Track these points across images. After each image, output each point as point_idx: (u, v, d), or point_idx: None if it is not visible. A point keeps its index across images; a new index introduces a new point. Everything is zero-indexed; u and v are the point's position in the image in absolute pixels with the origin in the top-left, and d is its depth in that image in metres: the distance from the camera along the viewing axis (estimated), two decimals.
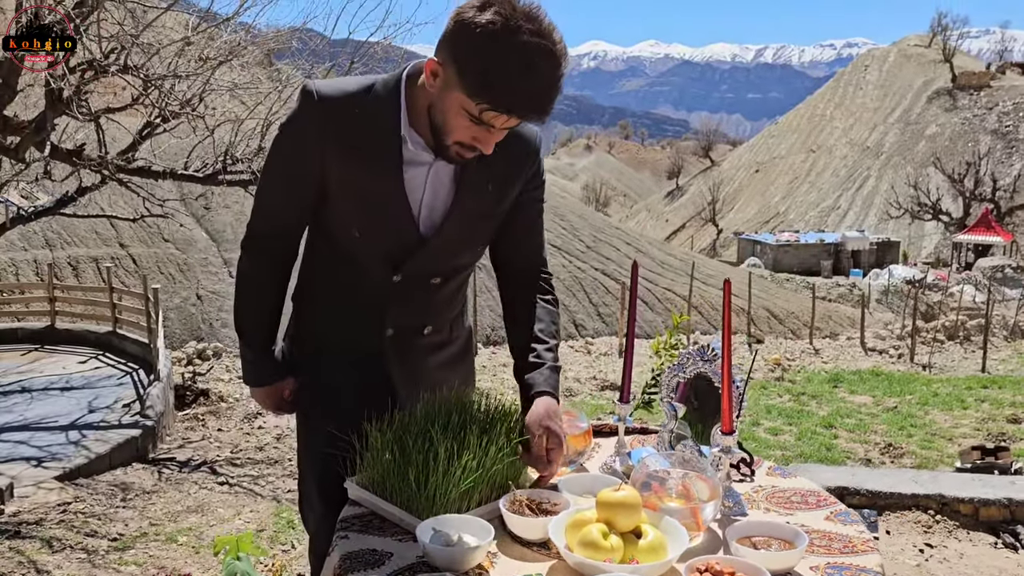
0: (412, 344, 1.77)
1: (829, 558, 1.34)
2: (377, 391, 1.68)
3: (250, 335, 1.80)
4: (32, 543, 5.05)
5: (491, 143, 1.53)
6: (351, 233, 1.66)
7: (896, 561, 3.39)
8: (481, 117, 1.47)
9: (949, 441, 7.41)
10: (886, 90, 65.07)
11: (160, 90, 7.40)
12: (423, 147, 1.61)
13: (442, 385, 1.71)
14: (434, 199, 1.66)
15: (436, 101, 1.52)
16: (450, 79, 1.47)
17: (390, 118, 1.59)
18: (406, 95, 1.60)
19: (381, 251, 1.67)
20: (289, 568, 4.49)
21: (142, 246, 17.23)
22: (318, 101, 1.59)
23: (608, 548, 1.24)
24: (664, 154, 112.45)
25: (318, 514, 1.75)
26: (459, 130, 1.51)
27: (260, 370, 1.82)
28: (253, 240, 1.76)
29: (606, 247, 24.95)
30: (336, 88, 1.62)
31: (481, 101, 1.44)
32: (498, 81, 1.42)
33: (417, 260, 1.68)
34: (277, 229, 1.73)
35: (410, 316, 1.75)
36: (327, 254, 1.75)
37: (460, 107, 1.47)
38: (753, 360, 1.50)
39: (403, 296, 1.71)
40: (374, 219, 1.64)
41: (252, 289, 1.78)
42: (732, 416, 1.49)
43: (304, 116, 1.61)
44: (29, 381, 9.57)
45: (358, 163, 1.60)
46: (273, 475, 7.14)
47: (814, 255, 39.61)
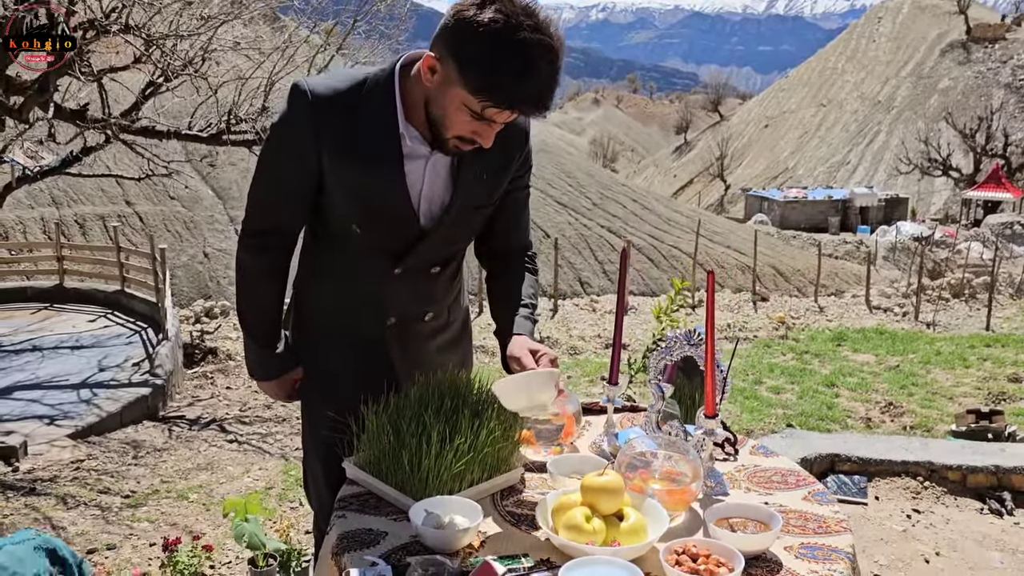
0: (413, 330, 1.81)
1: (803, 538, 1.41)
2: (378, 376, 1.73)
3: (255, 330, 1.81)
4: (47, 500, 5.17)
5: (491, 137, 1.55)
6: (350, 228, 1.68)
7: (883, 527, 3.48)
8: (483, 113, 1.48)
9: (950, 400, 7.48)
10: (899, 43, 63.95)
11: (162, 49, 7.36)
12: (420, 140, 1.62)
13: (441, 367, 1.76)
14: (432, 191, 1.67)
15: (434, 96, 1.52)
16: (450, 76, 1.47)
17: (386, 115, 1.59)
18: (400, 88, 1.60)
19: (382, 245, 1.70)
20: (297, 526, 4.61)
21: (148, 204, 17.27)
22: (312, 101, 1.59)
23: (591, 531, 1.31)
24: (673, 108, 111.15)
25: (322, 495, 1.82)
26: (459, 125, 1.52)
27: (267, 364, 1.84)
28: (251, 237, 1.75)
29: (612, 204, 24.88)
30: (329, 86, 1.61)
31: (484, 98, 1.45)
32: (502, 79, 1.43)
33: (418, 253, 1.71)
34: (275, 226, 1.73)
35: (411, 304, 1.78)
36: (327, 245, 1.76)
37: (461, 103, 1.48)
38: (734, 352, 1.54)
39: (404, 286, 1.74)
40: (374, 215, 1.66)
41: (254, 285, 1.78)
42: (715, 400, 1.55)
43: (298, 117, 1.61)
44: (40, 340, 9.68)
45: (356, 162, 1.60)
46: (281, 433, 7.26)
47: (822, 212, 39.37)
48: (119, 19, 6.77)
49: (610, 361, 1.75)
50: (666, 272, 21.72)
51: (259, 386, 1.91)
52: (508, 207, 1.81)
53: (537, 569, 1.30)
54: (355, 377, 1.75)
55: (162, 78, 7.71)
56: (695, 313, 15.62)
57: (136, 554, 4.25)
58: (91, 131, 7.84)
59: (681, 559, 1.27)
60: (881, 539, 3.36)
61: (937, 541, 3.37)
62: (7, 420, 6.76)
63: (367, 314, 1.77)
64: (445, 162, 1.66)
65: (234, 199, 17.70)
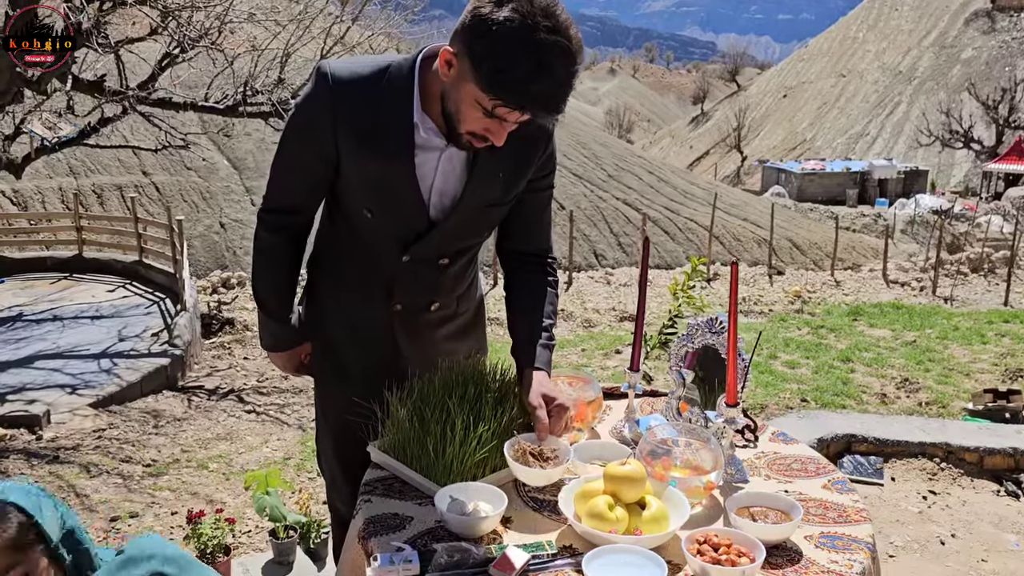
0: (419, 318, 1.82)
1: (823, 527, 1.42)
2: (385, 360, 1.78)
3: (268, 303, 1.86)
4: (70, 468, 5.26)
5: (503, 135, 1.53)
6: (363, 212, 1.70)
7: (899, 508, 3.49)
8: (494, 112, 1.47)
9: (966, 376, 7.44)
10: (922, 12, 62.71)
11: (178, 20, 7.34)
12: (436, 133, 1.61)
13: (450, 355, 1.77)
14: (444, 184, 1.67)
15: (449, 90, 1.52)
16: (464, 72, 1.46)
17: (403, 104, 1.60)
18: (420, 80, 1.60)
19: (391, 232, 1.71)
20: (316, 496, 4.68)
21: (165, 174, 17.32)
22: (333, 85, 1.60)
23: (613, 519, 1.33)
24: (690, 78, 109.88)
25: (333, 468, 1.94)
26: (471, 121, 1.51)
27: (278, 336, 1.89)
28: (269, 214, 1.79)
29: (628, 176, 24.72)
30: (351, 71, 1.62)
31: (494, 97, 1.44)
32: (513, 80, 1.41)
33: (425, 243, 1.72)
34: (292, 205, 1.78)
35: (418, 293, 1.80)
36: (341, 227, 1.79)
37: (473, 99, 1.47)
38: (757, 342, 1.54)
39: (411, 275, 1.76)
40: (385, 201, 1.67)
41: (269, 260, 1.83)
42: (737, 389, 1.55)
43: (318, 98, 1.62)
44: (60, 309, 9.79)
45: (370, 147, 1.61)
46: (298, 404, 7.33)
47: (840, 184, 38.97)
48: None
49: (632, 346, 1.76)
50: (682, 245, 21.63)
51: (270, 357, 1.97)
52: (528, 206, 1.79)
53: (560, 556, 1.32)
54: (362, 357, 1.81)
55: (178, 49, 7.70)
56: (710, 287, 15.58)
57: (158, 522, 4.33)
58: (108, 102, 7.85)
59: (703, 548, 1.29)
60: (897, 520, 3.37)
61: (953, 523, 3.38)
62: (30, 389, 6.87)
63: (374, 297, 1.80)
64: (461, 156, 1.66)
65: (250, 170, 17.71)
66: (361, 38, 9.20)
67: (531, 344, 1.70)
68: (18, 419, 5.99)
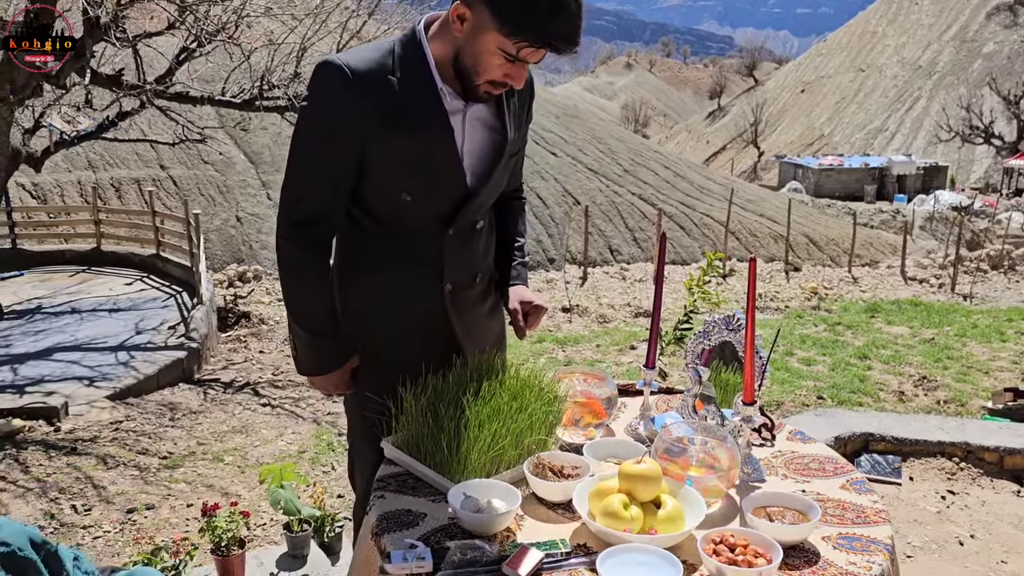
0: (467, 296, 1.83)
1: (841, 528, 1.40)
2: (442, 350, 1.76)
3: (313, 320, 1.76)
4: (88, 460, 5.30)
5: (523, 77, 1.60)
6: (400, 199, 1.68)
7: (917, 507, 3.45)
8: (518, 54, 1.52)
9: (985, 375, 7.37)
10: (942, 6, 61.97)
11: (196, 15, 7.36)
12: (454, 96, 1.65)
13: (490, 334, 1.88)
14: (472, 146, 1.70)
15: (465, 44, 1.56)
16: (482, 21, 1.51)
17: (423, 76, 1.62)
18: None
19: (433, 210, 1.71)
20: (330, 490, 4.69)
21: (182, 168, 17.42)
22: (352, 79, 1.58)
23: (628, 518, 1.31)
24: (706, 72, 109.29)
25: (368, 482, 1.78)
26: (492, 69, 1.56)
27: (324, 356, 1.79)
28: (295, 229, 1.70)
29: (644, 171, 24.60)
30: (361, 59, 1.61)
31: (520, 38, 1.50)
32: (536, 19, 1.48)
33: (469, 209, 1.73)
34: (319, 214, 1.70)
35: (465, 267, 1.80)
36: (372, 226, 1.74)
37: (495, 47, 1.52)
38: (775, 340, 1.52)
39: (457, 248, 1.76)
40: (424, 178, 1.67)
41: (305, 278, 1.74)
42: (754, 387, 1.54)
43: (336, 95, 1.60)
44: (78, 302, 9.87)
45: (402, 127, 1.61)
46: (313, 397, 7.35)
47: (858, 180, 38.66)
48: None
49: (648, 343, 1.74)
50: (697, 240, 21.52)
51: (313, 384, 1.85)
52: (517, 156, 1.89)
53: (574, 555, 1.31)
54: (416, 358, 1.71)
55: (196, 43, 7.73)
56: (726, 283, 15.50)
57: (174, 515, 4.36)
58: (126, 96, 7.89)
59: (719, 548, 1.27)
60: (915, 520, 3.33)
61: (972, 523, 3.34)
62: (48, 381, 6.93)
63: (424, 287, 1.76)
64: (480, 115, 1.70)
65: (266, 164, 17.77)
66: (377, 32, 9.19)
67: (507, 263, 1.92)
68: (37, 411, 6.04)
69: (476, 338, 1.84)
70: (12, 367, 7.34)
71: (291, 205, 1.70)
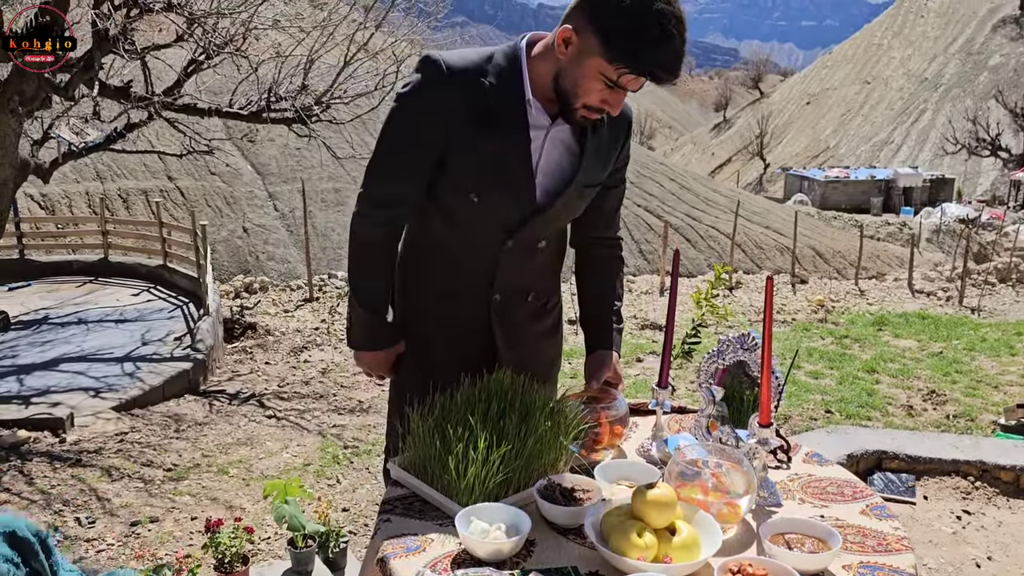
0: (516, 310, 1.85)
1: (863, 556, 1.36)
2: (479, 357, 1.80)
3: (372, 295, 1.83)
4: (92, 471, 5.28)
5: (620, 104, 1.65)
6: (468, 199, 1.72)
7: (932, 528, 3.39)
8: (618, 81, 1.57)
9: (995, 389, 7.31)
10: (948, 18, 62.01)
11: (204, 27, 7.38)
12: (542, 112, 1.69)
13: (538, 354, 1.88)
14: (548, 164, 1.73)
15: (567, 67, 1.61)
16: (588, 46, 1.56)
17: (515, 86, 1.67)
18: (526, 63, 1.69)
19: (496, 216, 1.74)
20: (334, 503, 4.66)
21: (189, 179, 17.46)
22: (448, 74, 1.66)
23: (642, 545, 1.27)
24: (712, 85, 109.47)
25: None
26: (591, 94, 1.61)
27: (378, 332, 1.86)
28: (372, 207, 1.78)
29: (649, 183, 24.58)
30: (463, 59, 1.69)
31: (623, 66, 1.55)
32: (641, 48, 1.53)
33: (530, 226, 1.75)
34: (398, 196, 1.77)
35: (517, 281, 1.83)
36: (439, 222, 1.80)
37: (597, 72, 1.57)
38: (793, 361, 1.49)
39: (511, 261, 1.78)
40: (496, 182, 1.71)
41: (377, 255, 1.81)
42: (770, 408, 1.50)
43: (434, 87, 1.67)
44: (85, 313, 9.87)
45: (487, 127, 1.66)
46: (319, 409, 7.33)
47: (864, 192, 38.59)
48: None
49: (660, 363, 1.71)
50: (703, 253, 21.46)
51: (361, 359, 1.91)
52: (611, 199, 1.91)
53: None
54: (458, 358, 1.79)
55: (204, 55, 7.74)
56: (732, 295, 15.44)
57: (178, 527, 4.33)
58: (134, 108, 7.90)
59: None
60: (930, 541, 3.27)
61: (989, 544, 3.28)
62: (54, 392, 6.91)
63: (473, 291, 1.81)
64: (563, 138, 1.73)
65: (273, 175, 17.80)
66: (384, 44, 9.21)
67: (606, 327, 1.90)
68: (42, 422, 6.03)
69: (520, 356, 1.85)
70: (18, 377, 7.33)
71: (372, 184, 1.78)
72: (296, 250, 16.56)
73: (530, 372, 1.70)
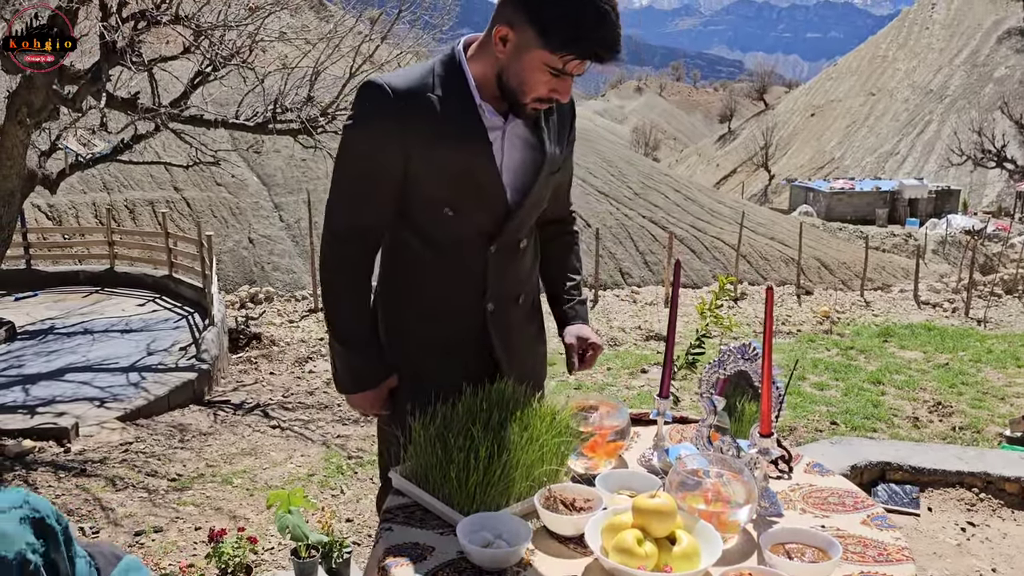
0: (510, 317, 1.84)
1: (863, 567, 1.36)
2: (482, 372, 1.77)
3: (354, 332, 1.78)
4: (97, 481, 5.29)
5: (568, 91, 1.65)
6: (443, 214, 1.71)
7: (936, 540, 3.38)
8: (564, 68, 1.57)
9: (1001, 401, 7.27)
10: (953, 30, 62.11)
11: (210, 39, 7.44)
12: (494, 113, 1.69)
13: (535, 357, 1.90)
14: (512, 162, 1.73)
15: (508, 64, 1.61)
16: (527, 40, 1.57)
17: (463, 94, 1.67)
18: None
19: (475, 225, 1.74)
20: (338, 513, 4.65)
21: (195, 190, 17.54)
22: (394, 97, 1.64)
23: (642, 555, 1.28)
24: (717, 96, 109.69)
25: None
26: (538, 86, 1.61)
27: (365, 372, 1.80)
28: (340, 243, 1.75)
29: (654, 194, 24.61)
30: (406, 79, 1.67)
31: (567, 53, 1.55)
32: (581, 32, 1.54)
33: (509, 226, 1.75)
34: (363, 228, 1.75)
35: (507, 286, 1.82)
36: (418, 245, 1.77)
37: (541, 64, 1.58)
38: (793, 370, 1.49)
39: (499, 266, 1.78)
40: (467, 192, 1.70)
41: (346, 291, 1.78)
42: (771, 418, 1.50)
43: (382, 110, 1.65)
44: (91, 323, 9.91)
45: (445, 141, 1.65)
46: (323, 420, 7.33)
47: (869, 203, 38.57)
48: (169, 10, 6.86)
49: (662, 372, 1.71)
50: (708, 264, 21.45)
51: (351, 402, 1.86)
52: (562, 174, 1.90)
53: None
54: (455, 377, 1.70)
55: (210, 67, 7.80)
56: (737, 306, 15.42)
57: (182, 538, 4.32)
58: (141, 119, 7.96)
59: None
60: (935, 553, 3.26)
61: (994, 556, 3.26)
62: (59, 402, 6.94)
63: (465, 304, 1.79)
64: (519, 132, 1.73)
65: (279, 186, 17.88)
66: (390, 56, 9.26)
67: (565, 302, 1.95)
68: (47, 431, 6.04)
69: (519, 360, 1.84)
70: (24, 387, 7.36)
71: (333, 218, 1.76)
72: (301, 260, 16.60)
73: (529, 374, 1.71)
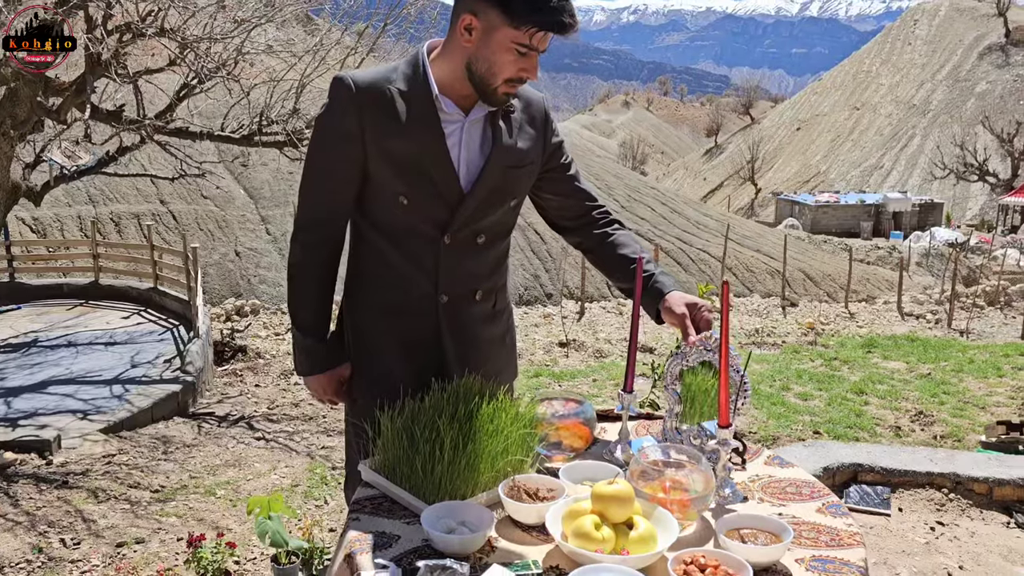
0: (465, 312, 1.88)
1: (815, 551, 1.40)
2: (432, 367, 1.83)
3: (304, 318, 1.88)
4: (79, 493, 5.27)
5: (536, 68, 1.70)
6: (398, 203, 1.78)
7: (906, 539, 3.43)
8: (531, 42, 1.64)
9: (982, 410, 7.35)
10: (935, 46, 62.94)
11: (196, 52, 7.47)
12: (453, 107, 1.75)
13: (493, 360, 1.90)
14: (469, 155, 1.79)
15: (476, 52, 1.68)
16: (491, 22, 1.63)
17: (422, 87, 1.73)
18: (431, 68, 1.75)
19: (428, 214, 1.79)
20: (321, 523, 4.66)
21: (182, 203, 17.53)
22: (355, 90, 1.73)
23: (600, 539, 1.32)
24: (703, 111, 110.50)
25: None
26: (507, 67, 1.67)
27: (315, 356, 1.90)
28: (303, 232, 1.85)
29: (641, 207, 24.76)
30: (370, 74, 1.77)
31: (532, 26, 1.62)
32: (542, 3, 1.60)
33: (462, 215, 1.79)
34: (325, 214, 1.83)
35: (461, 280, 1.86)
36: (375, 235, 1.84)
37: (509, 43, 1.64)
38: (748, 359, 1.54)
39: (452, 259, 1.82)
40: (420, 181, 1.76)
41: (304, 277, 1.87)
42: (729, 410, 1.55)
43: (343, 103, 1.74)
44: (75, 335, 9.87)
45: (399, 130, 1.73)
46: (308, 431, 7.32)
47: (854, 216, 38.90)
48: (155, 23, 6.89)
49: (626, 368, 1.76)
50: (694, 276, 21.58)
51: (305, 383, 1.96)
52: (566, 183, 1.97)
53: (546, 575, 1.31)
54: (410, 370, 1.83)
55: (196, 80, 7.83)
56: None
57: (164, 548, 4.32)
58: (127, 132, 7.98)
59: (689, 569, 1.27)
60: (904, 551, 3.31)
61: (961, 555, 3.31)
62: (41, 414, 6.91)
63: (420, 297, 1.84)
64: (479, 128, 1.79)
65: (265, 199, 17.89)
66: None
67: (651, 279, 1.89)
68: (29, 444, 6.02)
69: (472, 360, 1.86)
70: (5, 400, 7.32)
71: (301, 208, 1.86)
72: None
73: (492, 374, 1.74)
